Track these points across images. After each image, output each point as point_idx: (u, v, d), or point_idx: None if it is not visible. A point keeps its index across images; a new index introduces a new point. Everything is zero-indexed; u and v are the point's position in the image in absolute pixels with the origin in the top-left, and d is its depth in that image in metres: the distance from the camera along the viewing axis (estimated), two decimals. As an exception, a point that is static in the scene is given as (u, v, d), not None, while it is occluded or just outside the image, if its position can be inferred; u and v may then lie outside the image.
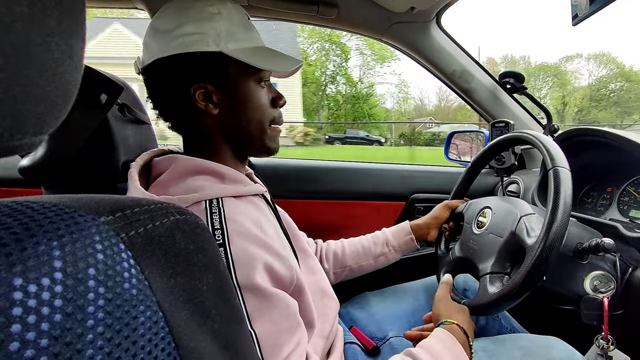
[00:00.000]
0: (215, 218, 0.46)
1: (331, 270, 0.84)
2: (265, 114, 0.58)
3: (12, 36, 0.15)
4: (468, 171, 0.90)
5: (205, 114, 0.54)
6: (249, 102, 0.56)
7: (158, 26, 0.52)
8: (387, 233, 0.87)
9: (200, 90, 0.53)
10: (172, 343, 0.21)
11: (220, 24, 0.52)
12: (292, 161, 1.24)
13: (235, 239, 0.45)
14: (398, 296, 0.84)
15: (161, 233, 0.24)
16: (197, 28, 0.51)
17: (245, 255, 0.44)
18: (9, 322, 0.15)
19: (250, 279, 0.44)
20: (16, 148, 0.18)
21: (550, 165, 0.61)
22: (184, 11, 0.52)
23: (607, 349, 0.62)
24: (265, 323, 0.44)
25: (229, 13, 0.53)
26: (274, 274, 0.47)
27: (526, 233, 0.63)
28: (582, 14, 0.66)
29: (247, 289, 0.43)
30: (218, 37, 0.51)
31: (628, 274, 0.66)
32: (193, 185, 0.49)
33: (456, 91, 1.20)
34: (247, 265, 0.44)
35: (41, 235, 0.18)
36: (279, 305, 0.46)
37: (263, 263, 0.46)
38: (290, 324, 0.47)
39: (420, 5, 0.95)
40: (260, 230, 0.49)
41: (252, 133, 0.57)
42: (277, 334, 0.45)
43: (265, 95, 0.58)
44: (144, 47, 0.54)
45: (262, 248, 0.47)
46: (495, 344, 0.64)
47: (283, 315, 0.46)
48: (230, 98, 0.55)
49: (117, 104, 0.58)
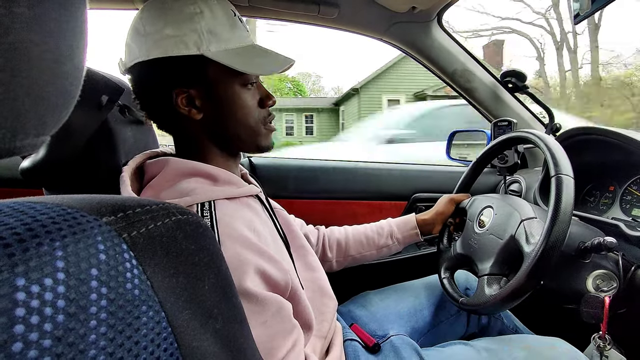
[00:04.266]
0: (206, 220, 0.45)
1: (334, 259, 0.84)
2: (253, 116, 0.55)
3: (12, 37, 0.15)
4: (471, 169, 0.90)
5: (188, 119, 0.53)
6: (234, 105, 0.53)
7: (138, 28, 0.50)
8: (392, 225, 0.86)
9: (183, 95, 0.51)
10: (175, 343, 0.21)
11: (202, 25, 0.49)
12: (292, 161, 1.24)
13: (227, 243, 0.44)
14: (399, 295, 0.84)
15: (163, 233, 0.24)
16: (177, 30, 0.48)
17: (237, 260, 0.44)
18: (12, 323, 0.15)
19: (242, 284, 0.43)
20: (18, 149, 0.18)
21: (553, 172, 0.60)
22: (163, 12, 0.49)
23: (603, 347, 0.62)
24: (259, 327, 0.43)
25: (212, 11, 0.50)
26: (267, 278, 0.47)
27: (525, 239, 0.63)
28: (584, 13, 0.66)
29: (240, 294, 0.43)
30: (199, 39, 0.49)
31: (630, 272, 0.65)
32: (185, 188, 0.49)
33: (458, 90, 1.20)
34: (238, 270, 0.43)
35: (44, 235, 0.18)
36: (271, 309, 0.45)
37: (255, 267, 0.45)
38: (284, 327, 0.47)
39: (421, 5, 0.95)
40: (253, 233, 0.48)
41: (241, 135, 0.55)
42: (271, 337, 0.45)
43: (251, 97, 0.55)
44: (126, 49, 0.52)
45: (254, 252, 0.46)
46: (499, 344, 0.64)
47: (276, 318, 0.46)
48: (214, 102, 0.52)
49: (117, 105, 0.58)
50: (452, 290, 0.75)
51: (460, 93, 1.20)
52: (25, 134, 0.17)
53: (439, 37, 1.08)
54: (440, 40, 1.09)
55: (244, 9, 0.97)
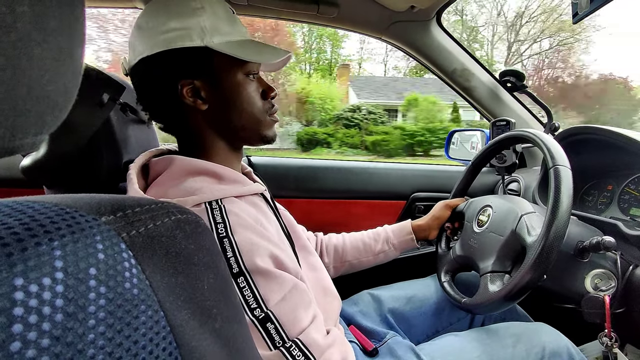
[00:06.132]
0: (216, 213, 0.47)
1: (331, 265, 0.84)
2: (257, 106, 0.57)
3: (14, 36, 0.15)
4: (469, 170, 0.90)
5: (194, 111, 0.54)
6: (239, 96, 0.55)
7: (141, 24, 0.52)
8: (388, 231, 0.87)
9: (188, 87, 0.53)
10: (174, 342, 0.21)
11: (204, 19, 0.51)
12: (292, 160, 1.24)
13: (239, 230, 0.46)
14: (397, 295, 0.84)
15: (162, 232, 0.24)
16: (181, 23, 0.50)
17: (249, 244, 0.46)
18: (10, 322, 0.15)
19: (255, 262, 0.45)
20: (18, 148, 0.18)
21: (551, 164, 0.61)
22: (166, 8, 0.51)
23: (611, 346, 0.62)
24: (280, 303, 0.45)
25: (212, 7, 0.53)
26: (279, 263, 0.49)
27: (527, 232, 0.63)
28: (583, 11, 0.66)
29: (256, 272, 0.45)
30: (202, 32, 0.51)
31: (629, 272, 0.66)
32: (191, 187, 0.50)
33: (457, 90, 1.20)
34: (250, 252, 0.45)
35: (42, 235, 0.18)
36: (288, 285, 0.48)
37: (267, 251, 0.47)
38: (303, 299, 0.49)
39: (420, 4, 0.95)
40: (261, 227, 0.50)
41: (245, 125, 0.57)
42: (293, 309, 0.47)
43: (254, 88, 0.57)
44: (130, 48, 0.54)
45: (265, 239, 0.48)
46: (488, 334, 0.66)
47: (294, 293, 0.48)
48: (218, 93, 0.54)
49: (118, 104, 0.58)
50: (454, 292, 0.75)
51: (459, 92, 1.20)
52: (24, 133, 0.17)
53: (438, 37, 1.09)
54: (439, 39, 1.09)
55: (243, 8, 0.97)
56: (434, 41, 1.09)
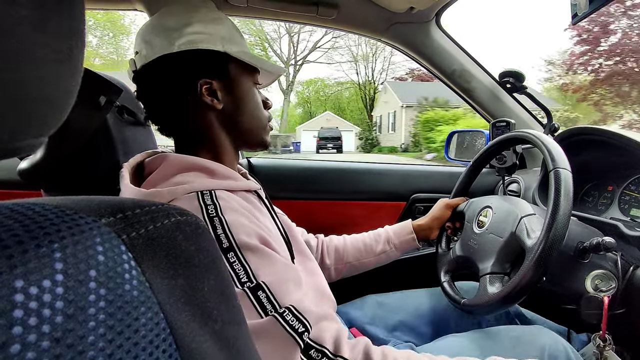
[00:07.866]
0: (207, 198, 0.47)
1: (332, 266, 0.84)
2: (262, 113, 0.63)
3: (14, 38, 0.15)
4: (470, 170, 0.90)
5: (209, 109, 0.57)
6: (250, 101, 0.60)
7: (164, 24, 0.55)
8: (389, 231, 0.87)
9: (206, 86, 0.56)
10: (174, 345, 0.21)
11: (223, 28, 0.56)
12: (292, 161, 1.24)
13: (229, 211, 0.47)
14: (401, 302, 0.83)
15: (162, 234, 0.24)
16: (205, 29, 0.54)
17: (240, 224, 0.46)
18: (10, 325, 0.15)
19: (246, 240, 0.45)
20: (18, 150, 0.18)
21: (551, 167, 0.61)
22: (190, 12, 0.55)
23: (602, 348, 0.62)
24: (270, 273, 0.45)
25: (228, 21, 0.59)
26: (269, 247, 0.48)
27: (526, 234, 0.63)
28: (582, 13, 0.66)
29: (246, 248, 0.45)
30: (223, 40, 0.56)
31: (629, 272, 0.65)
32: (182, 180, 0.50)
33: (456, 91, 1.20)
34: (241, 230, 0.45)
35: (42, 237, 0.18)
36: (278, 262, 0.47)
37: (257, 234, 0.47)
38: (294, 276, 0.49)
39: (420, 5, 0.95)
40: (253, 217, 0.51)
41: (252, 128, 0.61)
42: (284, 282, 0.46)
43: (259, 97, 0.63)
44: (145, 45, 0.55)
45: (255, 225, 0.48)
46: (488, 336, 0.66)
47: (285, 269, 0.48)
48: (233, 96, 0.58)
49: (116, 106, 0.58)
50: (453, 292, 0.75)
51: (459, 93, 1.20)
52: (25, 135, 0.17)
53: (437, 38, 1.09)
54: (439, 40, 1.09)
55: (243, 10, 0.97)
56: (433, 42, 1.09)
